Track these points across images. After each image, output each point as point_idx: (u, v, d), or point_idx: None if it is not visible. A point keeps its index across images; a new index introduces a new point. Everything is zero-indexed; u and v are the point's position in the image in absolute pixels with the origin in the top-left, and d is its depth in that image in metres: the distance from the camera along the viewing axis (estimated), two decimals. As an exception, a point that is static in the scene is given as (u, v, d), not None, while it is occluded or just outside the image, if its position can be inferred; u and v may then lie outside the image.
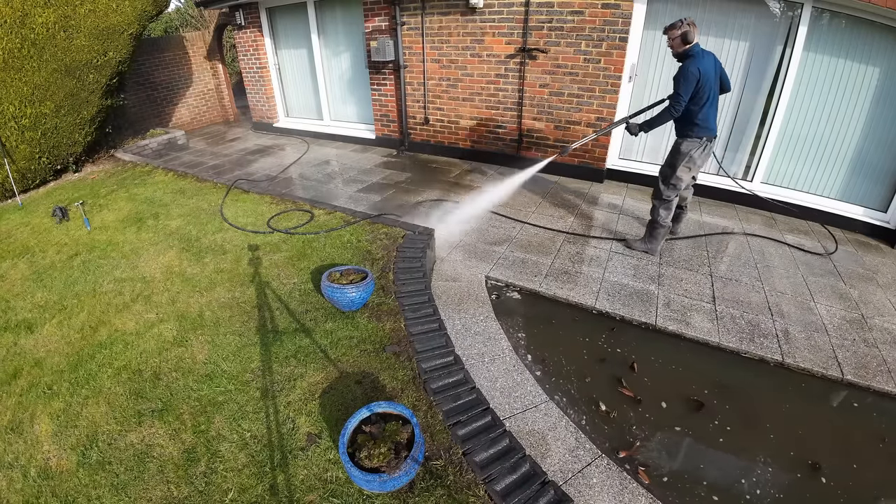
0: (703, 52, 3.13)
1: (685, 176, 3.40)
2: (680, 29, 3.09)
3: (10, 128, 4.92)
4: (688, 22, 3.07)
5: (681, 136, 3.36)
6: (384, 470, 1.68)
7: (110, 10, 5.21)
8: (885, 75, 3.70)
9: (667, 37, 3.17)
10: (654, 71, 4.60)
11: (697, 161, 3.35)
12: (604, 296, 3.09)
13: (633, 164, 5.05)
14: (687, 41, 3.10)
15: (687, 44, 3.11)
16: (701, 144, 3.29)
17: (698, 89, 3.11)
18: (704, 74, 3.07)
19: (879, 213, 4.05)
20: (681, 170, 3.38)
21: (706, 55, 3.12)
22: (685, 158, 3.33)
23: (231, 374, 2.38)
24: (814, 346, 2.67)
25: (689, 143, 3.31)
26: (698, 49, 3.12)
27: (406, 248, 3.39)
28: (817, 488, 1.97)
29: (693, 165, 3.36)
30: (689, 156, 3.32)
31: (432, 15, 5.31)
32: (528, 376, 2.42)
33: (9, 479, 1.93)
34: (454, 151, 5.93)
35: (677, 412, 2.32)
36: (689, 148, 3.31)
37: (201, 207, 4.47)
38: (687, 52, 3.13)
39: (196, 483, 1.84)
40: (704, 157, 3.36)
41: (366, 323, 2.70)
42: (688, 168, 3.37)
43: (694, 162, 3.35)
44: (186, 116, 8.53)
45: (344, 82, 6.88)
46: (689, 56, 3.12)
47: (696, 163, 3.35)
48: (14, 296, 3.23)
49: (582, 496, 1.83)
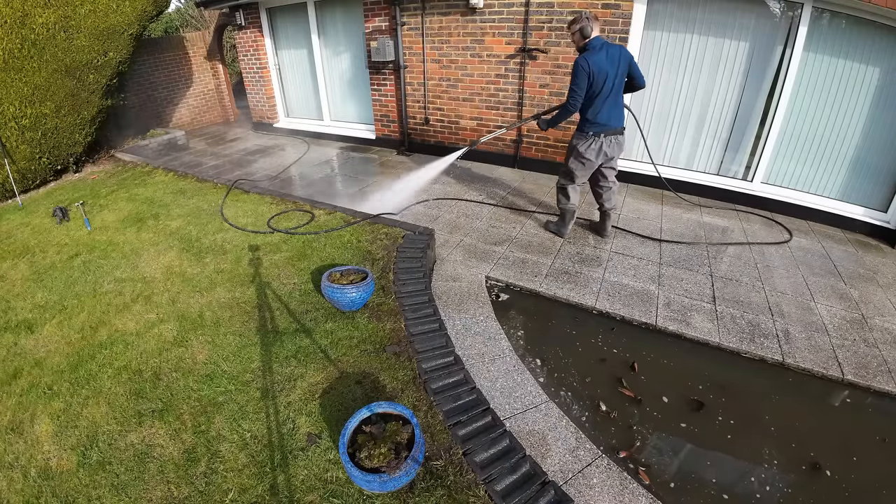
0: (604, 46, 3.09)
1: (577, 169, 3.44)
2: (578, 24, 3.09)
3: (10, 128, 4.92)
4: (587, 16, 3.08)
5: (576, 130, 3.41)
6: (384, 470, 1.68)
7: (110, 10, 5.21)
8: (885, 75, 3.70)
9: (569, 31, 3.19)
10: (654, 71, 4.60)
11: (586, 155, 3.35)
12: (604, 296, 3.09)
13: (633, 164, 5.05)
14: (585, 36, 3.10)
15: (585, 38, 3.11)
16: (588, 140, 3.30)
17: (590, 85, 3.11)
18: (595, 69, 3.05)
19: (879, 213, 4.04)
20: (571, 162, 3.46)
21: (607, 49, 3.08)
22: (573, 152, 3.42)
23: (231, 374, 2.38)
24: (814, 346, 2.67)
25: (576, 138, 3.39)
26: (597, 43, 3.09)
27: (406, 248, 3.39)
28: (818, 488, 1.97)
29: (584, 160, 3.38)
30: (576, 150, 3.37)
31: (432, 15, 5.31)
32: (529, 376, 2.42)
33: (9, 479, 1.93)
34: (454, 151, 5.91)
35: (678, 412, 2.32)
36: (576, 142, 3.37)
37: (201, 208, 4.47)
38: (586, 46, 3.13)
39: (196, 483, 1.84)
40: (596, 152, 3.34)
41: (366, 323, 2.70)
42: (580, 163, 3.41)
43: (582, 156, 3.36)
44: (187, 117, 8.53)
45: (344, 82, 6.88)
46: (586, 50, 3.12)
47: (590, 157, 3.35)
48: (14, 296, 3.23)
49: (582, 496, 1.82)
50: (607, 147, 3.34)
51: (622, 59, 3.11)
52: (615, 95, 3.19)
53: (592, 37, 3.10)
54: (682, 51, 4.41)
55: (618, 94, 3.21)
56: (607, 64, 3.06)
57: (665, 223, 4.13)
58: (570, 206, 3.64)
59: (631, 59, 3.16)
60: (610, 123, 3.26)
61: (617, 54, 3.09)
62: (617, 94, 3.20)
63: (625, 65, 3.13)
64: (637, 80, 3.24)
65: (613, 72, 3.09)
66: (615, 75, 3.11)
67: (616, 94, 3.20)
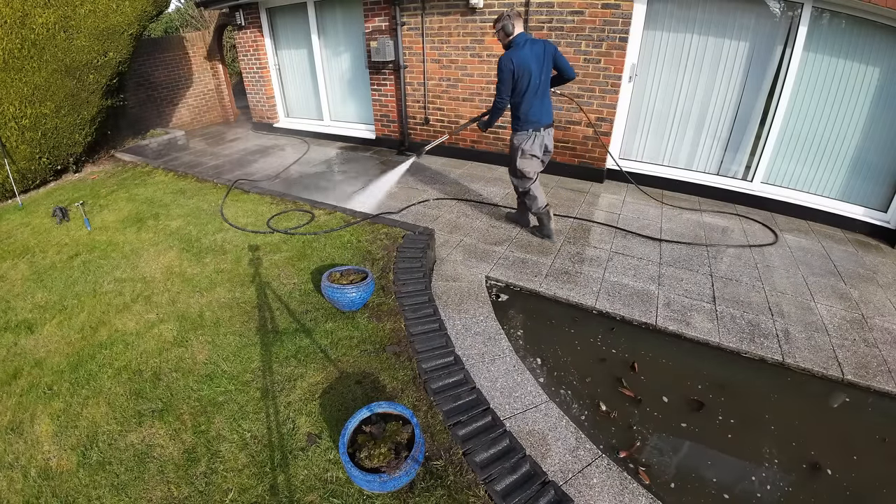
0: (528, 42, 3.13)
1: (527, 166, 3.50)
2: (500, 22, 3.15)
3: (10, 128, 4.92)
4: (508, 14, 3.12)
5: (513, 130, 3.45)
6: (384, 470, 1.68)
7: (110, 10, 5.21)
8: (885, 75, 3.70)
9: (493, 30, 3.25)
10: (654, 71, 4.60)
11: (530, 151, 3.43)
12: (604, 296, 3.09)
13: (633, 164, 5.05)
14: (507, 33, 3.14)
15: (508, 35, 3.15)
16: (529, 136, 3.38)
17: (516, 82, 3.14)
18: (519, 66, 3.09)
19: (879, 213, 4.04)
20: (519, 161, 3.50)
21: (531, 45, 3.12)
22: (517, 151, 3.47)
23: (231, 374, 2.38)
24: (814, 346, 2.67)
25: (518, 137, 3.44)
26: (521, 40, 3.12)
27: (406, 248, 3.39)
28: (818, 488, 1.97)
29: (531, 156, 3.46)
30: (521, 148, 3.44)
31: (432, 15, 5.31)
32: (529, 376, 2.42)
33: (9, 479, 1.93)
34: (455, 151, 5.93)
35: (678, 412, 2.32)
36: (519, 141, 3.43)
37: (201, 208, 4.47)
38: (510, 43, 3.17)
39: (196, 483, 1.84)
40: (539, 146, 3.43)
41: (366, 323, 2.70)
42: (527, 160, 3.48)
43: (528, 153, 3.44)
44: (186, 117, 8.53)
45: (344, 82, 6.88)
46: (511, 48, 3.15)
47: (535, 152, 3.43)
48: (14, 296, 3.23)
49: (582, 496, 1.82)
50: (547, 140, 3.45)
51: (546, 53, 3.16)
52: (543, 91, 3.27)
53: (515, 34, 3.15)
54: (682, 51, 4.41)
55: (546, 89, 3.28)
56: (532, 59, 3.11)
57: (665, 223, 4.13)
58: (541, 206, 3.63)
59: (555, 52, 3.22)
60: (542, 119, 3.34)
61: (541, 49, 3.15)
62: (545, 89, 3.27)
63: (549, 59, 3.19)
64: (565, 71, 3.32)
65: (538, 67, 3.15)
66: (540, 70, 3.17)
67: (544, 90, 3.27)
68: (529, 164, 3.49)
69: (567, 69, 3.29)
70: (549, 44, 3.18)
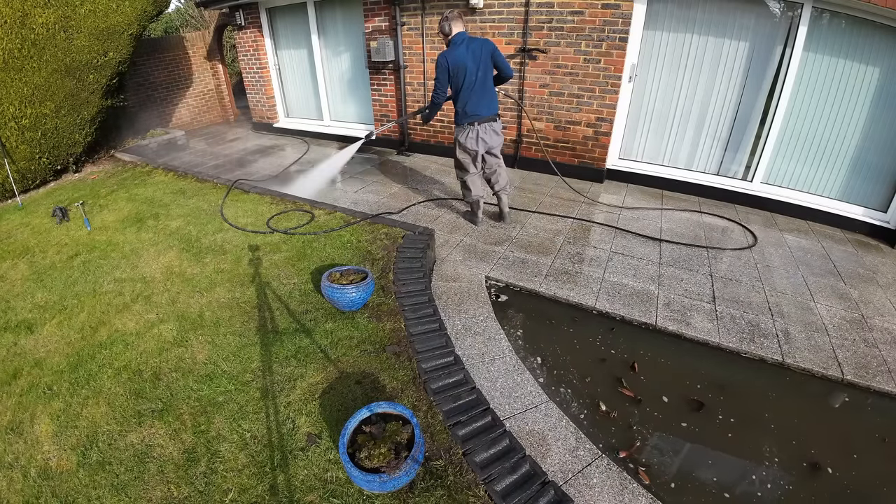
0: (465, 41, 3.32)
1: (464, 159, 3.69)
2: (440, 23, 3.35)
3: (10, 128, 4.92)
4: (447, 16, 3.33)
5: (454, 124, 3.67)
6: (384, 470, 1.68)
7: (110, 10, 5.21)
8: (885, 75, 3.70)
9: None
10: (654, 71, 4.61)
11: (468, 144, 3.60)
12: (604, 296, 3.09)
13: (633, 164, 5.05)
14: (445, 33, 3.36)
15: (446, 35, 3.35)
16: (465, 129, 3.54)
17: (450, 78, 3.35)
18: (454, 63, 3.30)
19: (879, 213, 4.04)
20: (458, 154, 3.71)
21: (468, 44, 3.31)
22: (456, 143, 3.70)
23: (231, 374, 2.38)
24: (814, 346, 2.67)
25: (456, 131, 3.66)
26: (458, 39, 3.32)
27: (406, 248, 3.39)
28: (818, 488, 1.97)
29: (466, 149, 3.63)
30: (458, 141, 3.67)
31: (432, 15, 5.31)
32: (529, 376, 2.42)
33: (9, 479, 1.93)
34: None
35: (678, 412, 2.32)
36: (457, 134, 3.66)
37: (201, 208, 4.47)
38: (448, 42, 3.37)
39: (196, 483, 1.84)
40: (475, 140, 3.57)
41: (366, 323, 2.70)
42: (464, 152, 3.65)
43: (464, 146, 3.61)
44: (186, 117, 8.53)
45: (344, 83, 6.88)
46: (448, 46, 3.36)
47: (469, 146, 3.60)
48: (14, 296, 3.23)
49: (582, 496, 1.82)
50: (484, 134, 3.56)
51: (483, 51, 3.33)
52: (481, 86, 3.42)
53: (454, 34, 3.34)
54: (681, 51, 4.41)
55: (483, 84, 3.43)
56: (467, 58, 3.31)
57: (665, 223, 4.13)
58: (475, 196, 3.87)
59: (493, 51, 3.37)
60: (480, 112, 3.49)
61: (478, 48, 3.33)
62: (483, 84, 3.42)
63: (487, 56, 3.35)
64: (502, 70, 3.48)
65: (474, 65, 3.32)
66: (476, 68, 3.34)
67: (482, 85, 3.42)
68: (466, 157, 3.67)
69: (504, 68, 3.46)
70: (487, 42, 3.37)
